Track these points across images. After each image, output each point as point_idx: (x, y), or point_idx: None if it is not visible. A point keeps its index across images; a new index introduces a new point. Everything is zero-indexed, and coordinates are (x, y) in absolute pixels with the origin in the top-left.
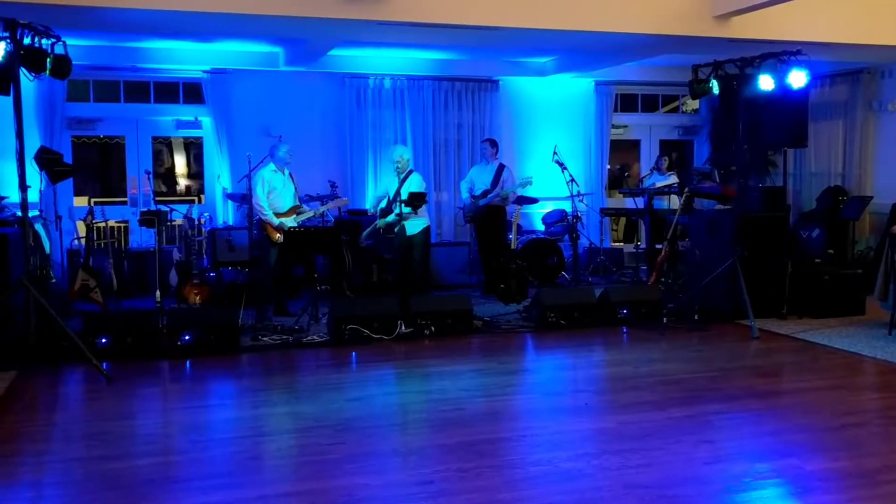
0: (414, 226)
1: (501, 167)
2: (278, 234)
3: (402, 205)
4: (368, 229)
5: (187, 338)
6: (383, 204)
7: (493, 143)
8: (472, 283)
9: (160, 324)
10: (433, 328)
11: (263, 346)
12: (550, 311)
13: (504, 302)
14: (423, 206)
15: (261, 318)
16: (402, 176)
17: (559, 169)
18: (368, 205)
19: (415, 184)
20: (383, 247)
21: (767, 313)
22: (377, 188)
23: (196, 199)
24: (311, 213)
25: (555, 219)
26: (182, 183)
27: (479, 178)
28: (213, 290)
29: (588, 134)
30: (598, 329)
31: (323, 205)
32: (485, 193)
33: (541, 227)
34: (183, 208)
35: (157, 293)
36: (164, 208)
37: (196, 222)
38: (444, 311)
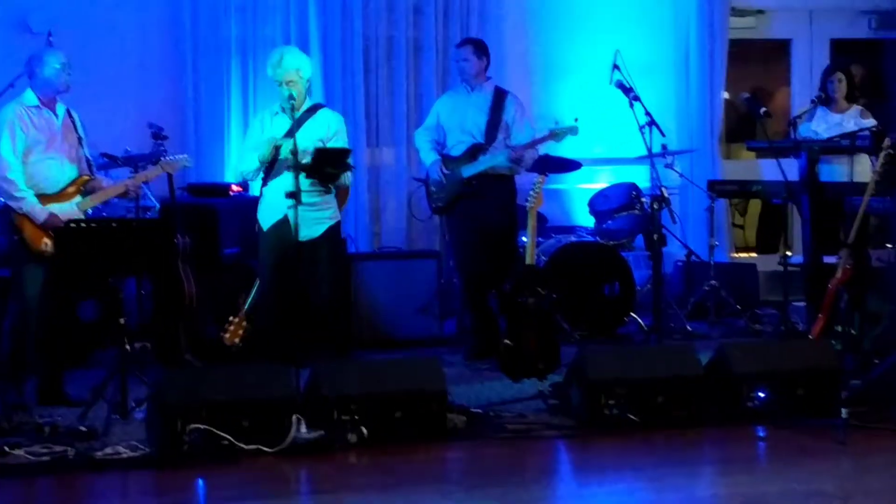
0: (314, 222)
1: (501, 95)
2: (45, 238)
3: (302, 174)
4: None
5: None
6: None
7: (480, 48)
8: (443, 334)
9: None
10: (365, 429)
11: (16, 466)
12: (607, 393)
13: (512, 375)
14: (344, 180)
15: (10, 407)
16: (296, 115)
17: (624, 99)
18: (233, 173)
19: (327, 130)
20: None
21: None
22: (248, 137)
23: None
24: (113, 191)
25: (616, 202)
26: None
27: (455, 119)
28: None
29: (683, 30)
30: (706, 429)
31: (138, 172)
32: (474, 151)
33: (587, 219)
34: None
35: None
36: None
37: None
38: (387, 393)
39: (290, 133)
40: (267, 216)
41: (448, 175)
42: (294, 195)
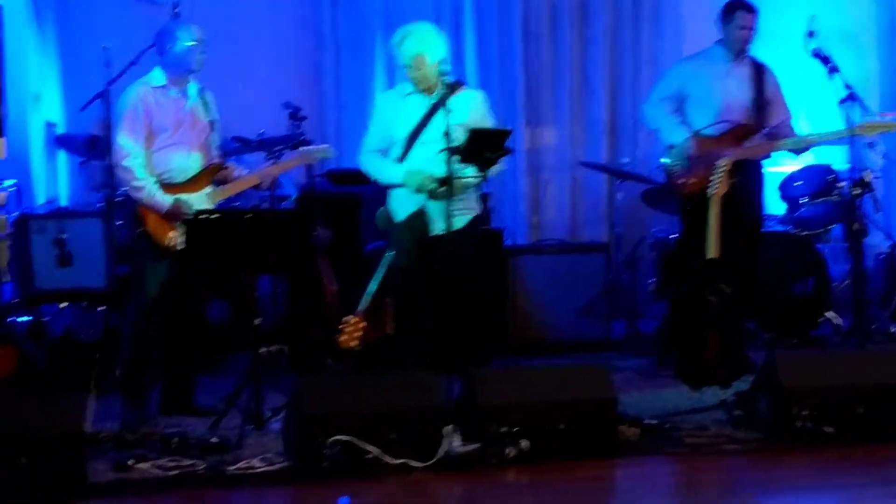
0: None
1: (761, 68)
2: (171, 231)
3: (453, 157)
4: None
5: None
6: (391, 174)
7: (748, 9)
8: (609, 337)
9: None
10: (525, 442)
11: (141, 481)
12: (800, 402)
13: (690, 383)
14: (494, 170)
15: (133, 419)
16: (433, 97)
17: (820, 70)
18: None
19: (474, 112)
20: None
21: None
22: (374, 123)
23: None
24: (247, 183)
25: (811, 187)
26: None
27: (713, 92)
28: (24, 355)
29: None
30: None
31: (273, 157)
32: (743, 133)
33: (777, 206)
34: None
35: None
36: None
37: None
38: (551, 402)
39: (429, 116)
40: (400, 206)
41: (708, 156)
42: (446, 181)
